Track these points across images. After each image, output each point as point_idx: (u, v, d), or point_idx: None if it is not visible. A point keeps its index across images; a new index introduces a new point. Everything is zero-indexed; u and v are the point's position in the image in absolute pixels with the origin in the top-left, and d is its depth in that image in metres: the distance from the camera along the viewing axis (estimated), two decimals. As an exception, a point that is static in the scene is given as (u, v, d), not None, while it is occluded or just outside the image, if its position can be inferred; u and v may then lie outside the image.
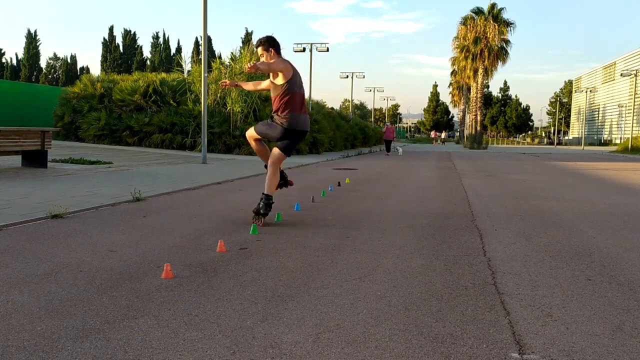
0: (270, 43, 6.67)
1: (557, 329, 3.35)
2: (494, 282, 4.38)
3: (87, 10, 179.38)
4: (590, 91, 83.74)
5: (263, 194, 6.79)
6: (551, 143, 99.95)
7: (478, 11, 58.31)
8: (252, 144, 7.16)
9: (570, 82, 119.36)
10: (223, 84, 7.37)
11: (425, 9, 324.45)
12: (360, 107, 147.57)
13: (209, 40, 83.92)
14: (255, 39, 24.40)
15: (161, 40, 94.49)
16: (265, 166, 7.08)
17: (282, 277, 4.40)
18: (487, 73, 59.20)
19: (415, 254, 5.32)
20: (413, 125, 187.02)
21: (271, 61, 6.57)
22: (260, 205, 6.73)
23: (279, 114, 6.64)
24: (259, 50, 6.69)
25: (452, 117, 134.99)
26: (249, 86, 7.38)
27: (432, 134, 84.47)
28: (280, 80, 6.56)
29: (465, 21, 59.18)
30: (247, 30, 79.41)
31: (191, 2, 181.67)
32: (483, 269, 4.79)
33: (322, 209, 8.40)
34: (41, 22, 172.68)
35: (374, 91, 73.36)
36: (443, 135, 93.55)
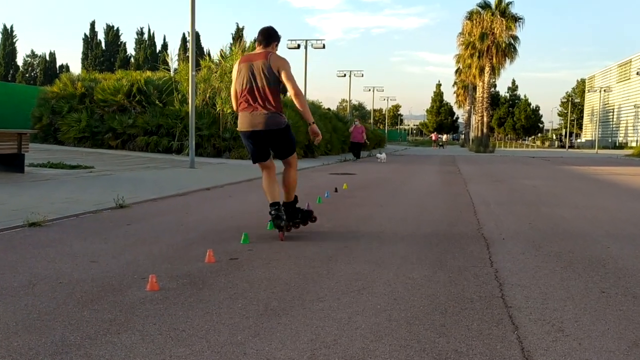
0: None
1: (568, 344, 3.36)
2: (502, 294, 4.39)
3: (67, 4, 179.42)
4: (605, 91, 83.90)
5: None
6: (562, 146, 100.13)
7: (485, 5, 58.37)
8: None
9: (583, 81, 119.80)
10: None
11: (429, 3, 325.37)
12: (359, 108, 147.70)
13: (197, 37, 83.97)
14: (247, 35, 24.30)
15: (146, 36, 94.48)
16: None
17: (275, 289, 4.40)
18: (494, 71, 59.24)
19: (418, 265, 5.33)
20: (415, 127, 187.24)
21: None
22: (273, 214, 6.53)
23: None
24: (275, 46, 6.56)
25: (457, 118, 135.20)
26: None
27: (433, 136, 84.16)
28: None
29: (471, 16, 59.27)
30: (237, 26, 79.51)
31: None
32: (490, 280, 4.80)
33: (318, 216, 8.37)
34: (18, 17, 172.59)
35: (373, 91, 73.50)
36: (444, 137, 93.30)
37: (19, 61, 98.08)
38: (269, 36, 6.52)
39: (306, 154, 29.06)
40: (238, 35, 75.37)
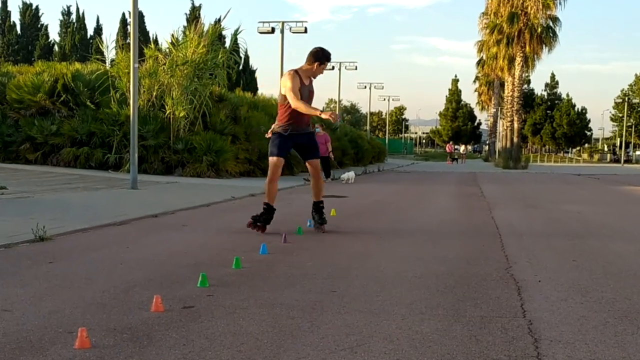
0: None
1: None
2: (538, 353, 4.41)
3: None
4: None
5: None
6: (617, 160, 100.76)
7: (515, -23, 58.72)
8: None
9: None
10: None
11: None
12: (352, 111, 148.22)
13: (140, 18, 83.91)
14: (205, 16, 24.38)
15: (74, 17, 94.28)
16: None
17: (242, 347, 4.40)
18: (528, 63, 59.55)
19: (428, 315, 5.35)
20: (425, 135, 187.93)
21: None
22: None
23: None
24: (312, 63, 10.25)
25: (479, 124, 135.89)
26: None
27: (448, 147, 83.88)
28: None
29: (497, -9, 59.73)
30: (193, 4, 79.31)
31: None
32: (522, 335, 4.82)
33: (298, 251, 8.42)
34: None
35: (370, 88, 73.49)
36: (462, 149, 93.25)
37: None
38: (308, 55, 10.25)
39: (282, 170, 29.04)
40: (194, 16, 75.25)
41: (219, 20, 32.82)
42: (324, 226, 10.51)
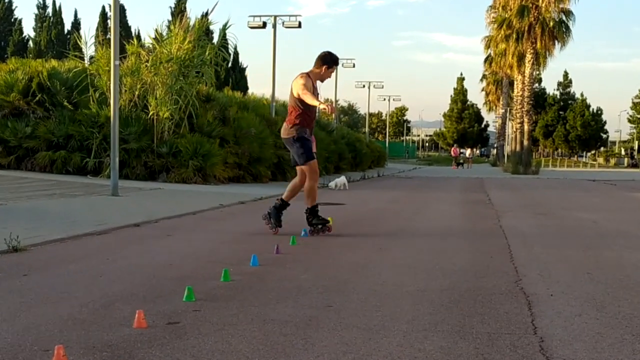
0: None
1: None
2: (549, 372, 4.41)
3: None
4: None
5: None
6: (635, 165, 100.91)
7: (525, -32, 58.73)
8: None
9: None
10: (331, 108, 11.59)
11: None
12: (349, 111, 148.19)
13: (121, 12, 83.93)
14: (191, 10, 24.43)
15: (50, 11, 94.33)
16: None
17: (232, 366, 4.40)
18: (539, 60, 59.65)
19: (432, 332, 5.35)
20: (428, 138, 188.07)
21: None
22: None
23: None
24: (319, 66, 11.17)
25: (487, 126, 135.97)
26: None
27: (452, 150, 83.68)
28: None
29: (506, -17, 59.82)
30: (179, -3, 79.45)
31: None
32: (533, 353, 4.83)
33: (291, 263, 8.42)
34: None
35: (369, 87, 73.56)
36: (468, 152, 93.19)
37: None
38: (316, 59, 11.22)
39: (274, 175, 29.07)
40: (179, 9, 75.25)
41: (206, 13, 32.75)
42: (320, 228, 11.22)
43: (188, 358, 4.54)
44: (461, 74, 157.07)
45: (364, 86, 73.27)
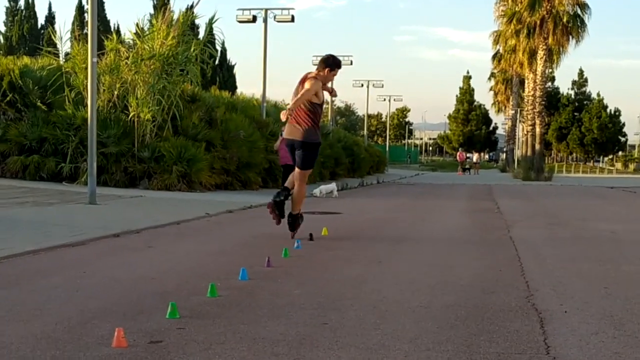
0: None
1: None
2: (562, 395, 4.41)
3: None
4: None
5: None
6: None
7: (537, -43, 58.69)
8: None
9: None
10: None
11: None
12: (346, 113, 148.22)
13: (100, 5, 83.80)
14: (175, 3, 24.37)
15: (22, 4, 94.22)
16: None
17: (219, 388, 4.39)
18: (552, 57, 59.64)
19: (435, 351, 5.35)
20: (432, 141, 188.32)
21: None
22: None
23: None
24: (323, 69, 11.87)
25: (495, 128, 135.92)
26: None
27: (458, 155, 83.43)
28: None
29: (516, -26, 59.82)
30: (162, -12, 79.41)
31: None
32: (545, 374, 4.82)
33: (283, 277, 8.40)
34: None
35: (368, 86, 73.58)
36: (475, 157, 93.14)
37: None
38: (319, 61, 12.06)
39: (265, 182, 28.99)
40: (162, 2, 75.08)
41: (191, 6, 32.67)
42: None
43: (171, 380, 4.53)
44: (468, 72, 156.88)
45: (362, 85, 73.30)
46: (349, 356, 5.15)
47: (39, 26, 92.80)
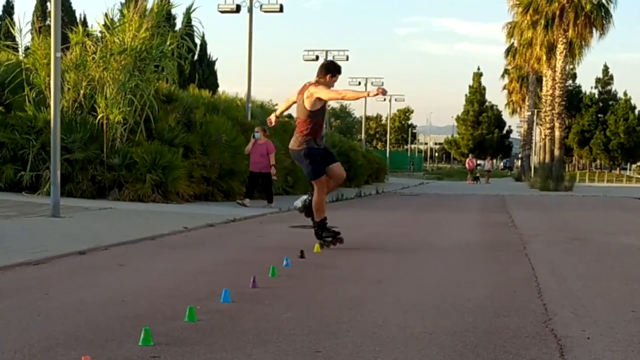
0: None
1: None
2: None
3: None
4: None
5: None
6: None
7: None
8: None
9: None
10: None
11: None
12: (342, 114, 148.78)
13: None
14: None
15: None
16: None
17: None
18: (573, 52, 59.76)
19: (445, 384, 5.30)
20: (438, 146, 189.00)
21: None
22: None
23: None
24: (324, 76, 12.79)
25: (509, 132, 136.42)
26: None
27: (468, 162, 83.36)
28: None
29: (532, -40, 59.94)
30: (134, -24, 79.71)
31: None
32: (568, 410, 4.79)
33: (271, 299, 8.39)
34: None
35: (365, 84, 73.82)
36: (487, 163, 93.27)
37: None
38: (319, 68, 13.02)
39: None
40: (135, -10, 75.62)
41: (168, -6, 32.78)
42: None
43: (143, 418, 4.47)
44: (478, 69, 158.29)
45: (359, 83, 73.46)
46: (346, 390, 5.10)
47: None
